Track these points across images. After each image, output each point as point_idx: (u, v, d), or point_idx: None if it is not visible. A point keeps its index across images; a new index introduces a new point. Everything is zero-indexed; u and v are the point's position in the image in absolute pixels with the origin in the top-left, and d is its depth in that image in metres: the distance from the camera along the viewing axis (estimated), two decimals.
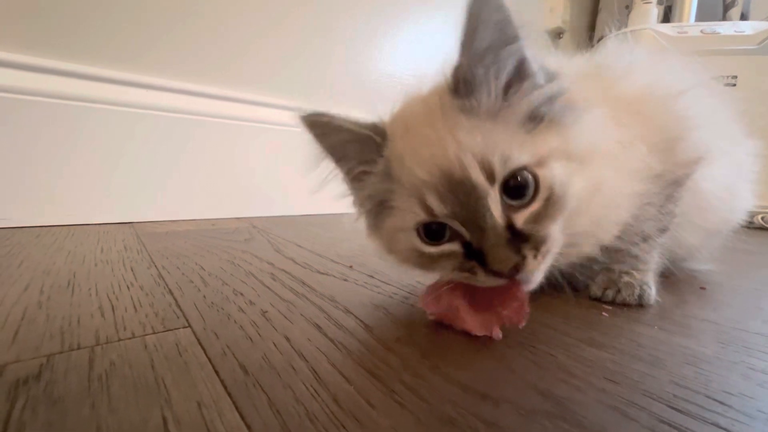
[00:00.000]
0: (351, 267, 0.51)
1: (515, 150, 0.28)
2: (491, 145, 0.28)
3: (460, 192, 0.28)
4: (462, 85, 0.29)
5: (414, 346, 0.29)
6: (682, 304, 0.42)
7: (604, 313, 0.38)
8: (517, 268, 0.27)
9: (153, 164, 0.81)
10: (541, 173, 0.28)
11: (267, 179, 0.97)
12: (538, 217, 0.28)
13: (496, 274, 0.28)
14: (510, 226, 0.28)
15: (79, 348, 0.27)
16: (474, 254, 0.29)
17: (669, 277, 0.46)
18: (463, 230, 0.29)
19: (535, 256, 0.28)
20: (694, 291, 0.47)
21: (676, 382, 0.25)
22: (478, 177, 0.27)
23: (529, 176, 0.28)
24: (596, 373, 0.26)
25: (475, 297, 0.32)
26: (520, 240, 0.28)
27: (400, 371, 0.25)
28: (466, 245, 0.29)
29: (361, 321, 0.34)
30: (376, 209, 0.34)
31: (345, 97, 1.08)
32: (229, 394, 0.22)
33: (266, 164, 0.97)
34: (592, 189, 0.31)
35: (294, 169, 1.01)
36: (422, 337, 0.31)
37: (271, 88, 0.97)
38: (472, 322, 0.31)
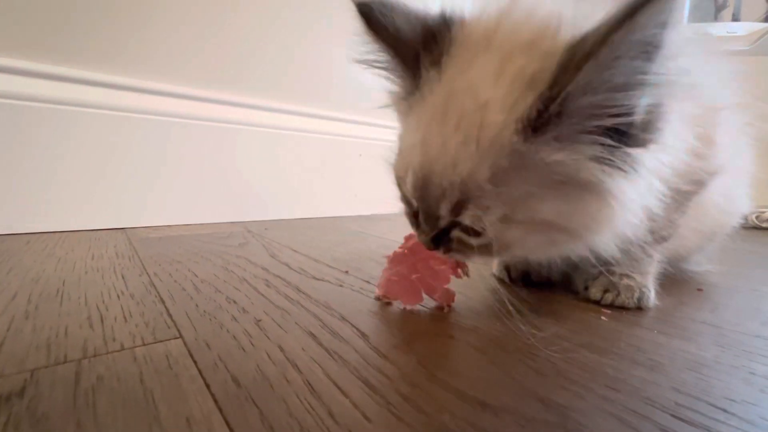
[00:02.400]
0: (347, 272, 0.51)
1: (495, 208, 0.27)
2: (484, 195, 0.26)
3: (427, 201, 0.30)
4: (539, 123, 0.24)
5: (411, 354, 0.29)
6: (680, 306, 0.41)
7: (603, 317, 0.37)
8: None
9: (146, 169, 0.80)
10: (499, 228, 0.28)
11: (262, 183, 0.96)
12: (466, 246, 0.31)
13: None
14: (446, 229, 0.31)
15: (65, 361, 0.26)
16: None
17: (666, 279, 0.45)
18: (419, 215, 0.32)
19: (452, 255, 0.33)
20: (692, 292, 0.47)
21: (677, 388, 0.25)
22: (444, 211, 0.29)
23: (484, 228, 0.28)
24: (597, 379, 0.26)
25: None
26: (447, 241, 0.32)
27: (396, 381, 0.25)
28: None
29: (356, 329, 0.33)
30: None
31: (344, 100, 1.08)
32: (220, 409, 0.21)
33: (262, 167, 0.96)
34: (548, 247, 0.31)
35: (289, 172, 1.00)
36: (419, 344, 0.30)
37: (267, 90, 0.96)
38: (449, 272, 0.37)
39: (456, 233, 0.30)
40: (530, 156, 0.25)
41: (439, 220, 0.30)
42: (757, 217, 1.10)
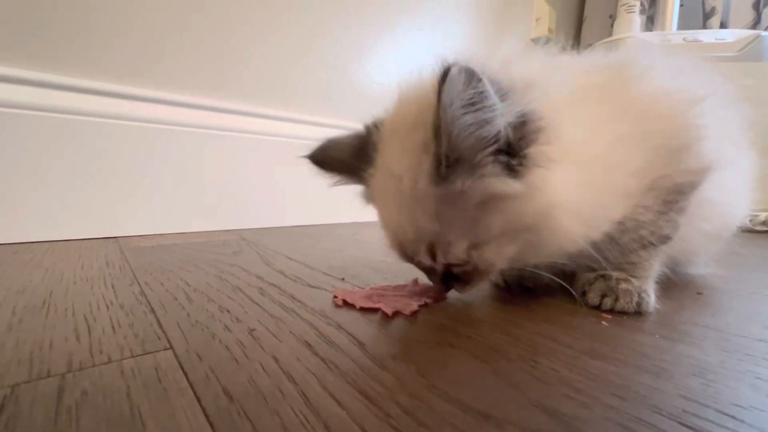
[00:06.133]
0: (343, 279, 0.50)
1: (459, 241, 0.33)
2: (442, 235, 0.33)
3: (416, 260, 0.37)
4: (441, 169, 0.31)
5: (410, 363, 0.28)
6: (681, 310, 0.41)
7: (604, 322, 0.37)
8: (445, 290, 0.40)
9: (138, 176, 0.79)
10: (474, 255, 0.34)
11: (257, 190, 0.96)
12: (466, 276, 0.37)
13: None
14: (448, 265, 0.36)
15: (48, 376, 0.25)
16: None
17: (665, 282, 0.45)
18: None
19: (460, 290, 0.39)
20: (692, 296, 0.47)
21: (683, 395, 0.24)
22: (427, 261, 0.36)
23: (463, 256, 0.34)
24: (601, 387, 0.25)
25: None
26: (454, 279, 0.38)
27: (395, 392, 0.24)
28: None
29: (353, 337, 0.32)
30: None
31: (338, 107, 1.08)
32: (211, 425, 0.20)
33: (256, 175, 0.95)
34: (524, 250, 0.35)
35: (284, 180, 0.99)
36: (418, 353, 0.29)
37: (260, 98, 0.96)
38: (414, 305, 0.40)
39: (456, 270, 0.36)
40: (450, 194, 0.31)
41: (434, 268, 0.37)
42: (750, 220, 1.10)
